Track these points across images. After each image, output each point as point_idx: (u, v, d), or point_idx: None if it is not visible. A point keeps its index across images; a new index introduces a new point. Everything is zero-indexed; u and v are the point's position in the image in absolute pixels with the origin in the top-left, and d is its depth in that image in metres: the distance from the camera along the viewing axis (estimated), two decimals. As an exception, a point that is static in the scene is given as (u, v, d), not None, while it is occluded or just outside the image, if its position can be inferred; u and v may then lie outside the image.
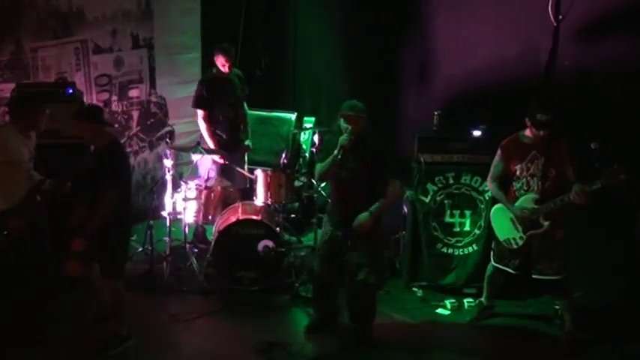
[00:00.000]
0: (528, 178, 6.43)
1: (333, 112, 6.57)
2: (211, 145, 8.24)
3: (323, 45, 9.06)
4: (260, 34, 9.74)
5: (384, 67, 8.87)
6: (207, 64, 8.66)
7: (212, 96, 8.23)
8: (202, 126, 8.32)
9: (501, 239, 6.66)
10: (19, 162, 6.33)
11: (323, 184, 8.02)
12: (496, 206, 6.76)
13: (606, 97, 7.12)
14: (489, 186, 6.70)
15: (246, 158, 8.50)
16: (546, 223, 6.37)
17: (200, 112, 8.30)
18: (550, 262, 6.43)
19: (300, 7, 9.18)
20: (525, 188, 6.46)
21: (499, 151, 6.59)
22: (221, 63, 8.15)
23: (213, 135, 8.29)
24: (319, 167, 6.33)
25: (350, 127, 6.09)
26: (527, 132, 6.43)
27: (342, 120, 6.15)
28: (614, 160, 5.92)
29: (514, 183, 6.52)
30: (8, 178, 6.31)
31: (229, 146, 8.31)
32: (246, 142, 8.44)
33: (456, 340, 6.72)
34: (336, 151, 6.08)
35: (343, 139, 6.07)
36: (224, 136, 8.30)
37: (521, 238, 6.51)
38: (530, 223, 6.43)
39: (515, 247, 6.56)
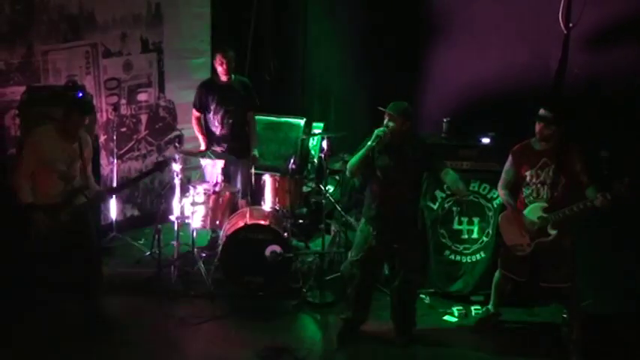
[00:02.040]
0: (538, 186, 6.42)
1: (342, 118, 6.60)
2: (202, 144, 8.30)
3: (332, 51, 9.06)
4: (269, 38, 9.74)
5: (393, 74, 8.86)
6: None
7: (207, 100, 8.26)
8: (194, 126, 8.40)
9: (509, 246, 6.65)
10: (52, 162, 6.34)
11: (332, 189, 8.01)
12: (504, 212, 6.75)
13: (616, 104, 7.10)
14: (500, 192, 6.68)
15: (253, 170, 8.45)
16: (554, 232, 6.36)
17: (193, 112, 8.39)
18: (557, 270, 6.42)
19: (310, 11, 9.18)
20: (535, 196, 6.45)
21: (510, 157, 6.59)
22: (218, 62, 8.15)
23: (202, 134, 8.37)
24: (352, 160, 6.30)
25: (391, 124, 6.14)
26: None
27: (386, 119, 6.19)
28: (624, 169, 5.93)
29: (523, 189, 6.52)
30: (40, 176, 6.36)
31: (230, 153, 8.33)
32: (254, 152, 8.39)
33: (463, 347, 6.69)
34: (370, 142, 6.10)
35: (380, 130, 6.10)
36: (220, 140, 8.33)
37: (528, 245, 6.50)
38: (538, 231, 6.43)
39: (522, 253, 6.56)
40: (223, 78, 8.19)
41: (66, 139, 6.41)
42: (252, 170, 8.32)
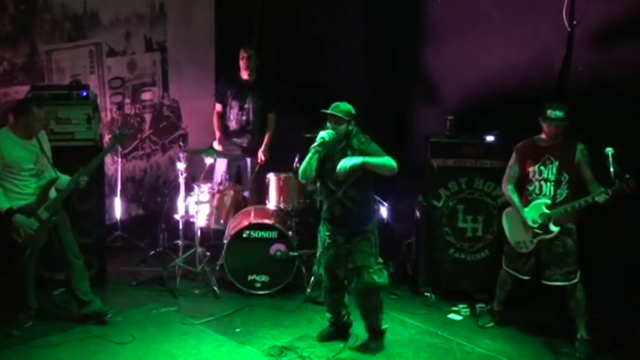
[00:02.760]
0: (541, 182, 6.44)
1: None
2: (217, 139, 8.38)
3: (337, 49, 9.03)
4: (275, 36, 9.72)
5: (396, 72, 8.84)
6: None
7: (225, 94, 8.37)
8: (214, 120, 8.48)
9: (512, 243, 6.66)
10: (17, 163, 6.32)
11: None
12: (507, 209, 6.75)
13: (621, 102, 7.09)
14: (504, 188, 6.68)
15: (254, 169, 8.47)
16: (556, 229, 6.36)
17: (215, 106, 8.48)
18: (560, 269, 6.42)
19: (314, 9, 9.16)
20: (537, 192, 6.46)
21: (514, 153, 6.61)
22: (240, 57, 8.22)
23: (218, 130, 8.44)
24: (303, 166, 6.21)
25: (337, 127, 6.11)
26: (543, 136, 6.44)
27: (331, 121, 6.15)
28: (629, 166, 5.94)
29: (527, 186, 6.53)
30: (10, 179, 6.34)
31: (241, 150, 8.36)
32: (261, 152, 8.42)
33: (469, 345, 6.69)
34: (316, 145, 6.06)
35: (326, 133, 6.05)
36: (231, 135, 8.38)
37: (531, 242, 6.51)
38: (540, 228, 6.43)
39: (524, 250, 6.56)
40: (244, 75, 8.27)
41: (24, 137, 6.39)
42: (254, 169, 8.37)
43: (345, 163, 5.97)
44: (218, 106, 8.45)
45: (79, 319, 6.78)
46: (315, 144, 6.07)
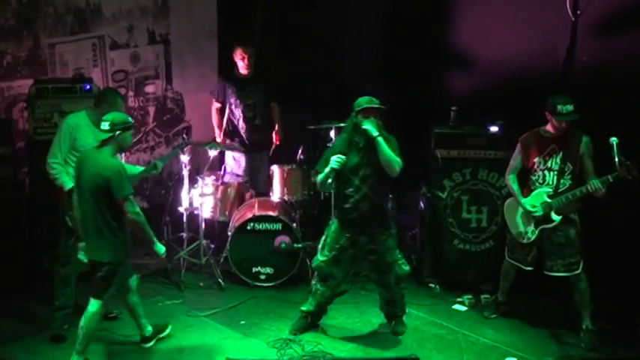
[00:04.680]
0: (545, 172, 6.42)
1: (344, 108, 6.61)
2: (218, 136, 8.37)
3: (338, 40, 9.02)
4: (276, 29, 9.71)
5: (400, 62, 8.83)
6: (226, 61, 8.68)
7: (225, 92, 8.30)
8: (213, 117, 8.46)
9: (514, 233, 6.65)
10: (83, 149, 6.23)
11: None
12: (509, 200, 6.75)
13: (624, 92, 7.07)
14: (506, 179, 6.66)
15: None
16: (557, 218, 6.36)
17: (213, 102, 8.46)
18: (562, 259, 6.41)
19: (316, 6, 9.15)
20: (541, 182, 6.45)
21: (518, 145, 6.59)
22: (239, 56, 8.18)
23: (219, 127, 8.42)
24: (320, 180, 6.25)
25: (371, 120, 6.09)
26: (548, 127, 6.40)
27: (358, 116, 6.13)
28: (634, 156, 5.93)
29: (531, 176, 6.52)
30: (70, 165, 6.31)
31: (250, 147, 8.34)
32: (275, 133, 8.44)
33: (473, 335, 6.69)
34: (328, 170, 6.10)
35: (336, 163, 6.05)
36: (241, 133, 8.34)
37: (532, 232, 6.50)
38: (542, 218, 6.42)
39: (526, 241, 6.56)
40: (243, 72, 8.22)
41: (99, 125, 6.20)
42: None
43: (371, 128, 6.01)
44: (217, 104, 8.43)
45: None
46: (328, 168, 6.08)
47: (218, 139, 8.31)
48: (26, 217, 7.41)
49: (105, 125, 5.75)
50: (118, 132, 5.75)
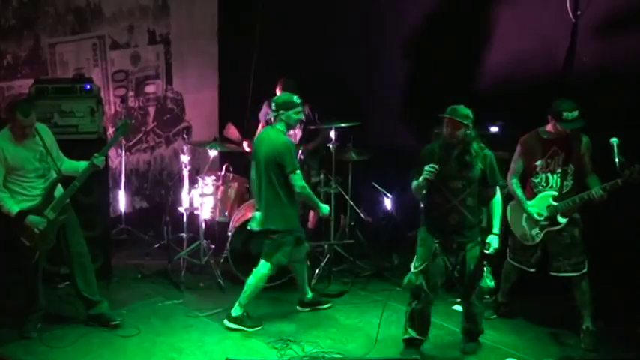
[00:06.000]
0: (548, 174, 6.42)
1: (348, 109, 6.64)
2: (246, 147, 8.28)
3: (335, 38, 9.00)
4: (278, 29, 9.70)
5: (400, 63, 8.83)
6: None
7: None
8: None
9: (517, 235, 6.64)
10: (22, 164, 6.20)
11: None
12: (512, 202, 6.74)
13: (625, 93, 7.07)
14: (508, 182, 6.65)
15: None
16: (563, 221, 6.36)
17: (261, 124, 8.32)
18: (569, 259, 6.41)
19: (317, 4, 9.13)
20: (544, 184, 6.45)
21: (519, 147, 6.56)
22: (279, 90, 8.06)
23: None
24: (415, 189, 6.08)
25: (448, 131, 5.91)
26: (549, 127, 6.38)
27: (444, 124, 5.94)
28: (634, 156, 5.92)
29: (532, 179, 6.50)
30: (17, 182, 6.23)
31: None
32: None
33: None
34: (422, 178, 5.88)
35: (428, 172, 5.82)
36: None
37: (537, 234, 6.50)
38: (547, 220, 6.42)
39: (531, 243, 6.55)
40: None
41: (24, 137, 6.21)
42: None
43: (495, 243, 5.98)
44: (263, 125, 8.22)
45: (83, 320, 6.72)
46: (422, 178, 5.86)
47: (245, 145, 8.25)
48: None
49: (273, 106, 6.57)
50: (281, 111, 6.49)
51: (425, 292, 6.09)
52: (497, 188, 6.11)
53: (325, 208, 6.77)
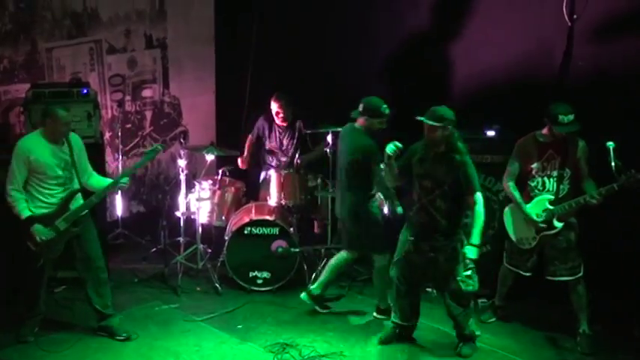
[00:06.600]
0: (544, 178, 6.43)
1: (345, 112, 6.64)
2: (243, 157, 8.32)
3: (333, 42, 9.00)
4: (274, 33, 9.71)
5: (396, 67, 8.83)
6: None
7: (264, 135, 8.26)
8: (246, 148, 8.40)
9: (514, 239, 6.65)
10: (45, 170, 6.15)
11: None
12: (509, 206, 6.74)
13: (621, 96, 7.08)
14: (505, 185, 6.65)
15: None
16: (560, 225, 6.36)
17: (249, 138, 8.39)
18: (565, 264, 6.41)
19: (313, 8, 9.14)
20: (540, 188, 6.45)
21: (515, 150, 6.58)
22: (275, 109, 8.07)
23: (248, 152, 8.39)
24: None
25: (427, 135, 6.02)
26: (545, 131, 6.40)
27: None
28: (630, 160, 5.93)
29: (529, 182, 6.51)
30: (35, 188, 6.18)
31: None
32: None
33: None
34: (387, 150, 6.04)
35: (390, 148, 5.99)
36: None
37: (534, 238, 6.50)
38: (544, 224, 6.42)
39: (527, 247, 6.56)
40: (279, 121, 8.16)
41: (60, 136, 6.22)
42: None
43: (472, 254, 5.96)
44: (251, 138, 8.34)
45: (91, 328, 6.67)
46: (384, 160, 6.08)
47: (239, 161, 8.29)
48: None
49: (360, 107, 6.68)
50: (365, 117, 6.65)
51: (399, 284, 6.38)
52: (478, 197, 6.00)
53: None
